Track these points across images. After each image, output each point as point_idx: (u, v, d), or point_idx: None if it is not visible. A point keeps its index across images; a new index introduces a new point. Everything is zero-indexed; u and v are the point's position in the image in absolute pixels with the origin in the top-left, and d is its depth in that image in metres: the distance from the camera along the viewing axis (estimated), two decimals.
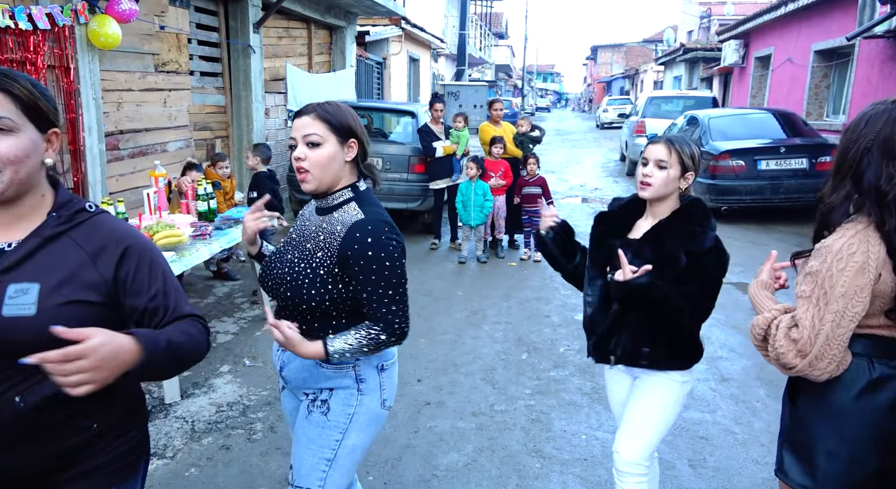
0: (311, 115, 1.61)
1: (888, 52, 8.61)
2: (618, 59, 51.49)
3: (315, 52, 9.87)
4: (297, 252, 1.68)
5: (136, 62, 5.43)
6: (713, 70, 17.87)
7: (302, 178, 1.62)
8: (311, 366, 1.68)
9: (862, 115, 1.49)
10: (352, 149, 1.66)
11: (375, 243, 1.55)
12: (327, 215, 1.66)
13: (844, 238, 1.41)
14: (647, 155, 1.95)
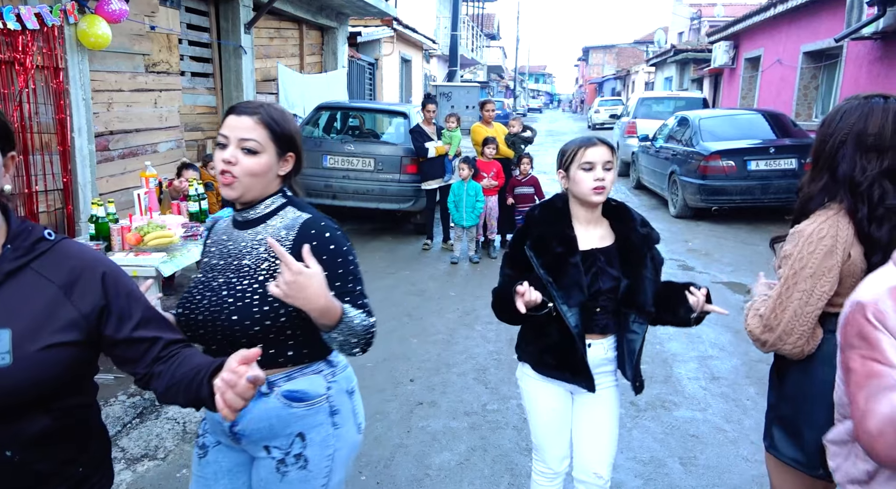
0: (255, 118, 1.41)
1: (875, 54, 8.70)
2: (609, 61, 51.72)
3: (307, 52, 9.86)
4: (231, 273, 1.45)
5: (126, 62, 5.41)
6: (703, 71, 18.00)
7: (226, 182, 1.42)
8: (278, 410, 1.42)
9: (836, 110, 1.57)
10: (287, 163, 1.48)
11: (334, 238, 1.43)
12: (259, 226, 1.47)
13: (815, 224, 1.51)
14: (591, 159, 1.81)
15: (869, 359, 1.12)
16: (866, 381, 1.11)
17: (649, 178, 10.38)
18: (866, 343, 1.13)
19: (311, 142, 7.42)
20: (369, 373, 3.79)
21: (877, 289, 1.17)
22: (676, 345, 4.29)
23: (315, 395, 1.45)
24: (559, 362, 1.89)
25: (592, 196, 1.83)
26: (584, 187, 1.83)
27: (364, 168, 7.16)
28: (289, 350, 1.43)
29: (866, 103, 1.51)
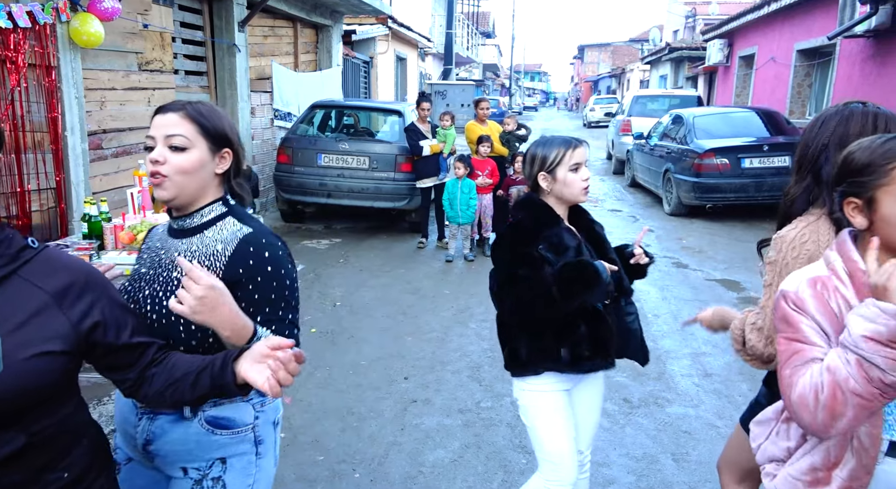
0: (179, 114, 1.34)
1: (868, 52, 8.74)
2: (604, 59, 51.76)
3: (301, 51, 9.84)
4: (158, 285, 1.36)
5: (119, 61, 5.39)
6: (698, 69, 18.03)
7: (157, 183, 1.33)
8: (199, 435, 1.35)
9: (818, 117, 1.64)
10: (224, 160, 1.39)
11: (274, 258, 1.33)
12: (195, 236, 1.37)
13: (797, 229, 1.53)
14: (579, 159, 1.87)
15: (792, 339, 1.22)
16: (790, 358, 1.21)
17: (644, 176, 10.41)
18: (789, 326, 1.23)
19: (306, 140, 7.42)
20: (363, 371, 3.80)
21: (798, 279, 1.26)
22: (670, 343, 4.31)
23: (241, 424, 1.38)
24: (595, 350, 1.89)
25: (582, 196, 1.89)
26: (575, 188, 1.87)
27: (359, 166, 7.15)
28: None
29: (846, 108, 1.59)
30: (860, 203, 1.20)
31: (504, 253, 1.90)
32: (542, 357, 1.90)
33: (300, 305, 1.40)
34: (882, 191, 1.16)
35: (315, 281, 5.60)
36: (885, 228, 1.17)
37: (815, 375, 1.14)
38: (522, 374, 1.95)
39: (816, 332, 1.20)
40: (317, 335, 4.36)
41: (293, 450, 2.92)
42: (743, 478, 1.90)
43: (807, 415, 1.15)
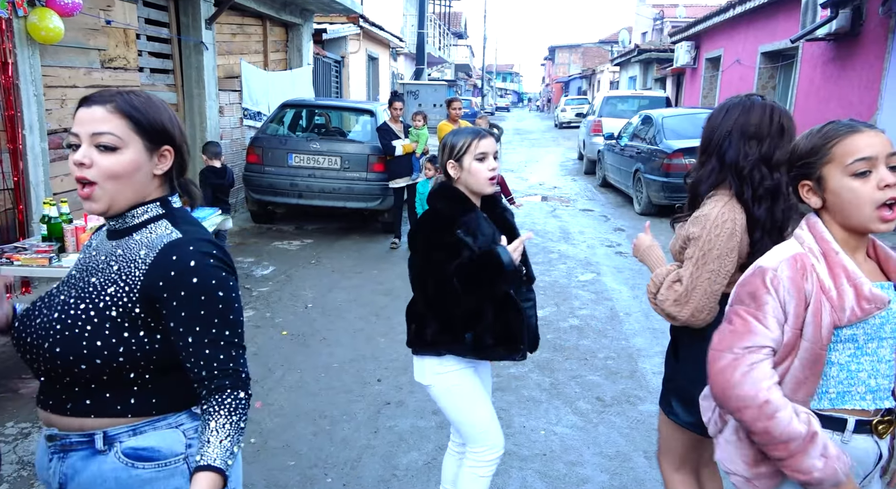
0: (107, 107, 1.15)
1: (829, 55, 8.98)
2: (575, 60, 52.30)
3: (271, 49, 9.70)
4: (76, 291, 1.19)
5: (80, 58, 5.23)
6: (666, 71, 18.33)
7: (85, 194, 1.15)
8: (118, 471, 1.15)
9: (722, 106, 1.78)
10: (164, 159, 1.21)
11: (201, 268, 1.14)
12: (123, 238, 1.21)
13: (717, 208, 1.68)
14: (485, 149, 1.94)
15: (750, 314, 1.28)
16: (741, 335, 1.27)
17: (615, 176, 10.53)
18: (753, 301, 1.28)
19: (276, 140, 7.31)
20: (336, 373, 3.75)
21: (778, 257, 1.30)
22: (641, 341, 4.35)
23: (168, 454, 1.17)
24: (498, 339, 1.96)
25: (488, 185, 1.95)
26: (480, 177, 1.94)
27: (330, 166, 7.08)
28: (131, 397, 1.16)
29: (748, 100, 1.74)
30: (811, 184, 1.31)
31: (423, 240, 1.93)
32: (447, 339, 1.96)
33: (274, 307, 1.34)
34: (827, 168, 1.27)
35: (286, 282, 5.52)
36: (836, 201, 1.27)
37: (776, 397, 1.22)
38: (423, 353, 2.01)
39: (775, 317, 1.26)
40: (288, 337, 4.29)
41: (263, 455, 2.86)
42: (680, 465, 1.97)
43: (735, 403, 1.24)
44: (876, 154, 1.23)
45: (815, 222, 1.32)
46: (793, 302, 1.26)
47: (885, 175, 1.22)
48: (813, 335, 1.24)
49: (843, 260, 1.26)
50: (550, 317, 4.81)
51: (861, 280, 1.23)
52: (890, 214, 1.22)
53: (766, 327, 1.26)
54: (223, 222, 4.54)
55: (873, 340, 1.28)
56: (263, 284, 5.42)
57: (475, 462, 2.06)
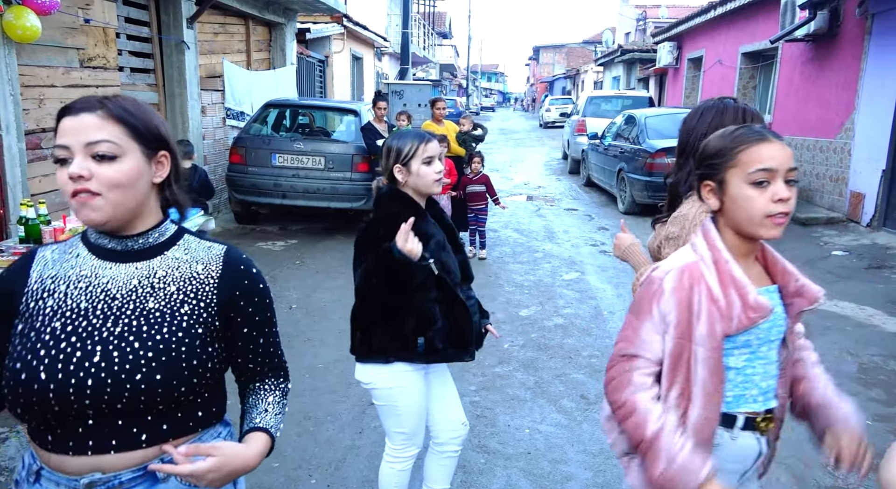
0: (99, 113, 1.07)
1: (808, 55, 9.11)
2: (559, 60, 52.55)
3: (254, 48, 9.63)
4: (133, 320, 1.11)
5: (58, 57, 5.16)
6: (649, 71, 18.49)
7: (85, 200, 1.05)
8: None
9: (697, 109, 1.81)
10: (162, 166, 1.15)
11: (259, 274, 1.26)
12: (155, 258, 1.16)
13: (695, 208, 1.67)
14: (431, 153, 1.96)
15: (633, 322, 1.34)
16: (624, 339, 1.34)
17: (599, 176, 10.59)
18: (638, 309, 1.33)
19: (260, 140, 7.26)
20: (320, 374, 3.73)
21: (669, 266, 1.33)
22: None
23: None
24: (447, 343, 1.98)
25: (435, 187, 1.98)
26: (428, 180, 1.96)
27: (314, 166, 7.04)
28: (199, 411, 1.16)
29: (721, 103, 1.77)
30: (713, 185, 1.31)
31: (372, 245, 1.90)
32: (396, 346, 1.97)
33: None
34: (730, 172, 1.28)
35: (270, 283, 5.43)
36: (732, 207, 1.29)
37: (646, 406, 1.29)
38: (369, 361, 2.03)
39: (654, 329, 1.31)
40: None
41: None
42: None
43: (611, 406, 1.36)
44: (777, 166, 1.24)
45: (709, 230, 1.33)
46: (674, 312, 1.28)
47: (781, 189, 1.24)
48: (709, 344, 1.27)
49: (731, 269, 1.27)
50: (535, 316, 4.83)
51: (747, 289, 1.26)
52: (781, 220, 1.25)
53: (642, 338, 1.31)
54: (206, 223, 4.51)
55: (764, 344, 1.32)
56: None
57: (393, 458, 2.13)
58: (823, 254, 6.60)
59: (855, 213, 7.73)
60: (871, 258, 6.34)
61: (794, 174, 1.26)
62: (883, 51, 7.34)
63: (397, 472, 2.15)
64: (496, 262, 6.35)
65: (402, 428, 2.09)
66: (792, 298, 1.35)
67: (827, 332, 4.48)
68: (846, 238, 7.17)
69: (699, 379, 1.28)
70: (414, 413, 2.08)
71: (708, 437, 1.30)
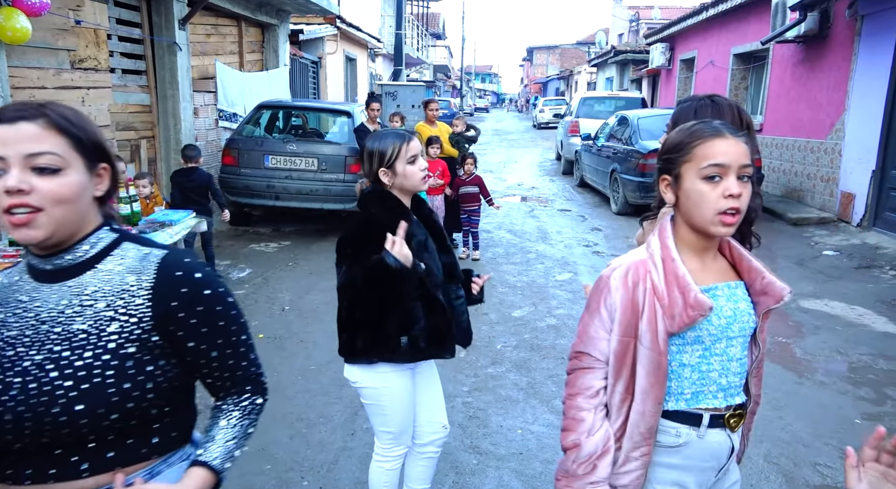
0: (40, 122, 1.00)
1: (798, 56, 9.17)
2: (553, 61, 52.69)
3: (246, 50, 9.62)
4: (54, 345, 1.03)
5: (49, 58, 5.14)
6: (642, 72, 18.56)
7: (23, 222, 0.98)
8: None
9: (685, 108, 1.81)
10: (102, 178, 1.09)
11: (207, 278, 1.09)
12: (86, 274, 1.06)
13: None
14: (414, 151, 1.98)
15: (586, 322, 1.37)
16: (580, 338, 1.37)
17: (592, 176, 10.62)
18: (589, 309, 1.36)
19: (252, 141, 7.25)
20: (313, 376, 3.73)
21: (618, 264, 1.36)
22: None
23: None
24: (430, 342, 2.00)
25: (422, 184, 2.00)
26: (416, 179, 1.97)
27: (307, 168, 7.04)
28: (154, 436, 1.09)
29: (711, 101, 1.78)
30: (670, 179, 1.32)
31: (351, 247, 1.92)
32: (380, 348, 1.99)
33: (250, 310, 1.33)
34: (685, 167, 1.28)
35: (263, 285, 5.47)
36: (686, 202, 1.29)
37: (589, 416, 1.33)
38: (357, 362, 2.04)
39: (602, 326, 1.33)
40: (264, 341, 4.26)
41: (239, 460, 2.81)
42: None
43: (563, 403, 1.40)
44: (730, 162, 1.24)
45: (665, 227, 1.34)
46: (619, 311, 1.30)
47: (732, 184, 1.23)
48: (651, 342, 1.28)
49: (677, 267, 1.28)
50: (528, 316, 4.84)
51: (689, 288, 1.26)
52: (730, 220, 1.25)
53: (591, 335, 1.34)
54: (197, 224, 4.50)
55: (721, 340, 1.32)
56: (240, 287, 5.37)
57: (382, 457, 2.15)
58: (814, 254, 6.64)
59: (845, 213, 7.78)
60: (861, 258, 6.39)
61: (747, 170, 1.26)
62: (872, 52, 7.39)
63: (386, 471, 2.16)
64: (489, 263, 6.36)
65: (388, 427, 2.10)
66: (758, 297, 1.36)
67: (818, 332, 4.51)
68: (837, 238, 7.22)
69: (639, 376, 1.30)
70: (400, 413, 2.09)
71: (648, 431, 1.31)
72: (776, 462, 2.87)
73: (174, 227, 4.07)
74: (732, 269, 1.39)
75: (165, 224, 4.05)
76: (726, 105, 1.78)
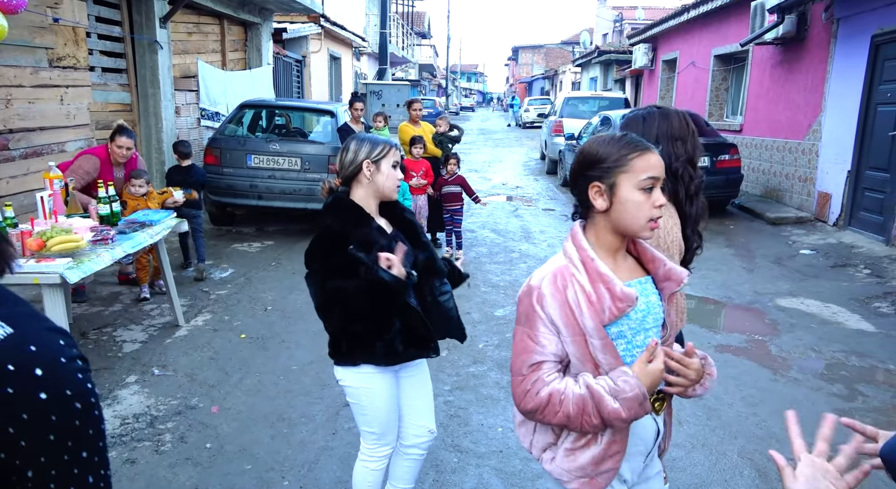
0: None
1: (777, 58, 9.31)
2: (538, 60, 52.88)
3: (229, 48, 9.56)
4: None
5: (26, 56, 5.08)
6: (625, 72, 18.71)
7: None
8: None
9: (635, 117, 1.94)
10: None
11: (50, 378, 0.73)
12: None
13: (663, 220, 1.77)
14: (397, 159, 2.04)
15: (527, 336, 1.40)
16: (521, 355, 1.40)
17: None
18: (527, 321, 1.40)
19: (235, 141, 7.21)
20: (295, 376, 3.73)
21: (543, 273, 1.42)
22: None
23: None
24: (408, 344, 2.02)
25: (395, 192, 2.05)
26: (392, 183, 2.03)
27: (290, 167, 7.02)
28: None
29: (659, 110, 1.93)
30: (603, 187, 1.39)
31: (316, 261, 1.97)
32: (360, 350, 2.02)
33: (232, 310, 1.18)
34: (622, 177, 1.38)
35: (246, 285, 5.46)
36: (621, 209, 1.39)
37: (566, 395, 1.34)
38: (342, 364, 2.08)
39: (548, 331, 1.38)
40: (247, 341, 4.25)
41: (219, 460, 2.84)
42: None
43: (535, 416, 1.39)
44: (659, 175, 1.38)
45: (577, 233, 1.43)
46: (559, 313, 1.37)
47: (659, 195, 1.37)
48: (597, 332, 1.36)
49: (598, 266, 1.37)
50: (510, 315, 4.87)
51: (613, 282, 1.36)
52: (655, 225, 1.39)
53: (539, 344, 1.38)
54: (178, 225, 4.47)
55: (640, 333, 1.42)
56: (222, 287, 5.35)
57: (367, 457, 2.17)
58: (792, 253, 6.76)
59: (822, 213, 7.92)
60: (837, 257, 6.51)
61: (662, 182, 1.40)
62: (848, 54, 7.53)
63: (371, 471, 2.18)
64: (473, 263, 6.39)
65: (372, 427, 2.12)
66: (662, 283, 1.47)
67: (793, 329, 4.60)
68: (814, 237, 7.35)
69: (605, 364, 1.37)
70: (382, 413, 2.10)
71: None
72: (750, 457, 2.93)
73: (154, 227, 4.05)
74: (639, 266, 1.49)
75: (146, 224, 4.02)
76: (673, 113, 1.89)
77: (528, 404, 1.37)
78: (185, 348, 4.09)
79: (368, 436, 2.14)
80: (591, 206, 1.41)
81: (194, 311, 4.75)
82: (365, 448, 2.17)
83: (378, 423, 2.11)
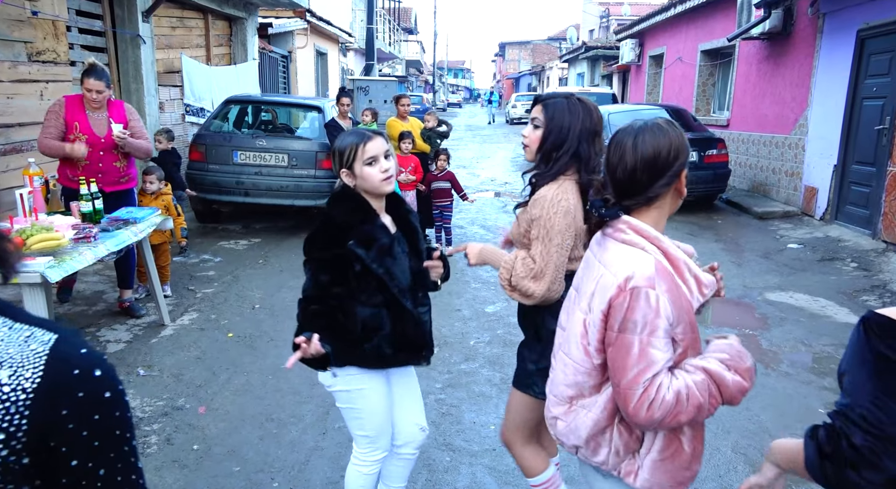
0: None
1: (763, 53, 9.35)
2: (525, 56, 52.87)
3: (213, 43, 9.43)
4: None
5: (4, 50, 4.96)
6: (613, 67, 18.74)
7: None
8: None
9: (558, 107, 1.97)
10: None
11: (106, 379, 0.79)
12: None
13: (552, 190, 1.87)
14: (372, 153, 1.90)
15: (648, 343, 1.28)
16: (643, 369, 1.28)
17: None
18: (645, 328, 1.28)
19: (220, 137, 7.11)
20: (284, 375, 3.68)
21: (644, 271, 1.30)
22: None
23: None
24: (397, 348, 1.98)
25: (384, 186, 1.92)
26: (374, 181, 1.90)
27: (277, 163, 6.93)
28: None
29: (580, 101, 1.98)
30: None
31: (315, 250, 1.90)
32: (347, 353, 1.96)
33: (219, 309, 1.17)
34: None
35: (233, 283, 5.38)
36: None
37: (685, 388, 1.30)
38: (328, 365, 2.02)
39: (666, 334, 1.30)
40: (234, 340, 4.19)
41: (207, 462, 2.78)
42: (529, 437, 2.09)
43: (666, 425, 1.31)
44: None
45: (644, 227, 1.37)
46: (675, 311, 1.31)
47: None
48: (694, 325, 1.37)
49: (678, 255, 1.34)
50: (501, 312, 4.84)
51: (695, 269, 1.34)
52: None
53: (661, 350, 1.29)
54: (163, 222, 4.38)
55: None
56: (208, 285, 5.27)
57: (360, 461, 2.12)
58: (780, 247, 6.80)
59: (809, 207, 7.98)
60: (824, 251, 6.55)
61: None
62: (834, 48, 7.57)
63: (364, 476, 2.13)
64: (462, 259, 6.35)
65: (364, 431, 2.08)
66: None
67: (783, 323, 4.61)
68: (801, 231, 7.40)
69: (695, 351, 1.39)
70: (375, 416, 2.06)
71: None
72: (744, 452, 2.93)
73: (138, 224, 3.96)
74: None
75: (129, 222, 3.93)
76: (592, 105, 2.01)
77: (656, 414, 1.27)
78: (171, 348, 4.02)
79: (362, 440, 2.09)
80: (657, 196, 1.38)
81: (180, 310, 4.67)
82: (358, 452, 2.13)
83: (372, 426, 2.06)
